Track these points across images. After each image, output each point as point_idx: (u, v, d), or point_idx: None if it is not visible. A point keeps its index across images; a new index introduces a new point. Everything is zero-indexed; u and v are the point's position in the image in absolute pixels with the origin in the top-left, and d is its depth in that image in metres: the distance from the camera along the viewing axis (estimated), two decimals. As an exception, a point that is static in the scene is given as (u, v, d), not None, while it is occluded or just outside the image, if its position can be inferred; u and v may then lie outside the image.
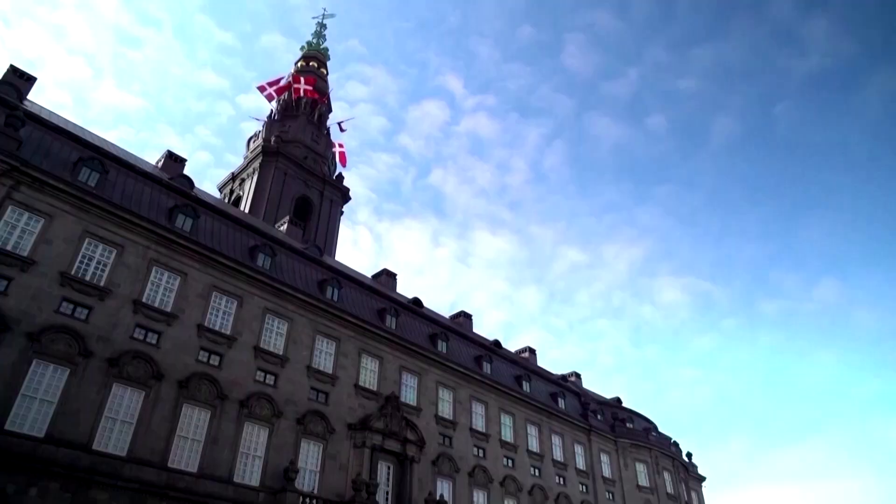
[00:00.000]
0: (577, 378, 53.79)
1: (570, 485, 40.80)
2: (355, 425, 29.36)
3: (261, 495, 24.41)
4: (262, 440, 25.71)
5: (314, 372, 28.99)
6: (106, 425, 21.43)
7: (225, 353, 25.92)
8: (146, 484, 21.41)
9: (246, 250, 29.75)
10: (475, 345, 41.77)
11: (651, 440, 48.31)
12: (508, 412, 39.27)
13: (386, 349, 33.29)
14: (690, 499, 50.67)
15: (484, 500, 34.36)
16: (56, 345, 21.08)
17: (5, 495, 18.40)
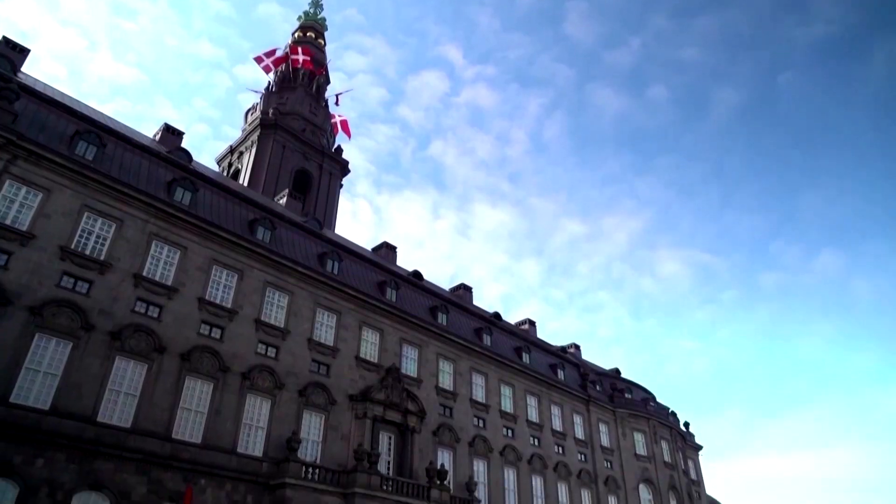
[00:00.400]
0: (577, 350, 54.20)
1: (569, 454, 41.41)
2: (356, 396, 29.69)
3: (264, 465, 24.80)
4: (265, 412, 26.02)
5: (315, 344, 29.20)
6: (110, 398, 21.68)
7: (226, 327, 26.07)
8: (151, 455, 21.74)
9: (245, 224, 29.71)
10: (475, 317, 41.99)
11: (649, 410, 48.88)
12: (508, 383, 39.66)
13: (386, 322, 33.47)
14: (687, 467, 51.48)
15: (484, 470, 34.91)
16: (58, 318, 21.19)
17: (12, 466, 18.69)
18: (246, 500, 23.70)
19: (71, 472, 19.80)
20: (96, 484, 20.25)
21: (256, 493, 24.06)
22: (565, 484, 39.82)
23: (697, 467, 55.44)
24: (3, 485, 18.50)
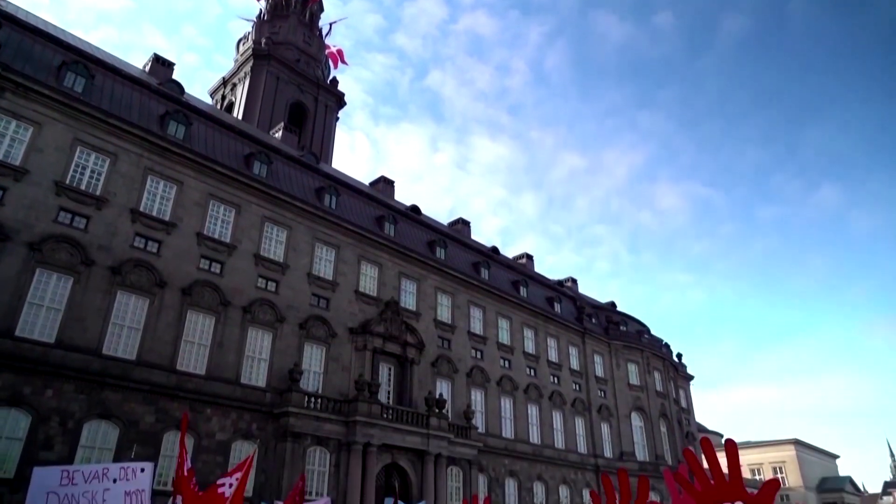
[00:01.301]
0: (574, 283, 54.82)
1: (564, 384, 42.62)
2: (356, 329, 30.25)
3: (267, 395, 25.56)
4: (267, 344, 26.58)
5: (314, 279, 29.49)
6: (113, 331, 22.10)
7: (226, 261, 26.25)
8: (156, 385, 22.38)
9: (241, 158, 29.39)
10: (473, 251, 42.24)
11: (643, 342, 49.96)
12: (505, 316, 40.34)
13: (385, 256, 33.68)
14: (678, 396, 53.11)
15: (481, 399, 36.03)
16: (57, 254, 21.31)
17: (23, 396, 19.28)
18: (251, 428, 24.58)
19: (80, 402, 20.44)
20: (105, 413, 20.94)
21: (260, 422, 24.92)
22: (560, 412, 41.19)
23: (688, 396, 57.20)
24: (15, 414, 19.14)
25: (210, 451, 23.14)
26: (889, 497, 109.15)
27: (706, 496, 3.08)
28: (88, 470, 6.79)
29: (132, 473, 6.63)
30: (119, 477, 6.61)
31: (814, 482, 70.67)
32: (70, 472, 6.74)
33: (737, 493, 3.01)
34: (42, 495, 6.53)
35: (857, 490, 79.49)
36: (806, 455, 71.95)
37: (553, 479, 38.41)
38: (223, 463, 23.33)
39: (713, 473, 3.09)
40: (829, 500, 70.43)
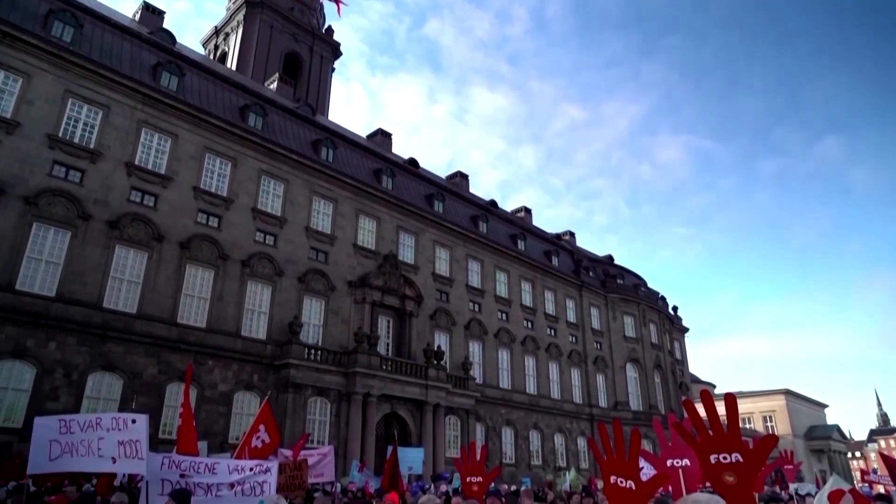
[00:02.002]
0: (571, 237, 54.92)
1: (561, 336, 43.20)
2: (355, 282, 30.43)
3: (268, 347, 25.90)
4: (266, 297, 26.77)
5: (313, 232, 29.47)
6: (113, 285, 22.21)
7: (223, 215, 26.17)
8: (158, 338, 22.64)
9: (236, 110, 28.92)
10: (471, 205, 42.12)
11: (639, 295, 50.40)
12: (503, 269, 40.55)
13: (383, 210, 33.59)
14: (673, 348, 53.94)
15: (479, 350, 36.57)
16: (54, 208, 21.21)
17: (26, 349, 19.53)
18: (252, 379, 25.00)
19: (83, 355, 20.73)
20: (108, 365, 21.26)
21: (261, 373, 25.33)
22: (556, 363, 41.89)
23: (683, 348, 58.12)
24: (20, 366, 19.44)
25: (213, 402, 23.61)
26: (874, 444, 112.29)
27: (704, 447, 3.16)
28: (83, 419, 6.93)
29: (123, 424, 6.72)
30: (111, 427, 6.72)
31: (802, 430, 72.57)
32: (67, 422, 6.88)
33: (734, 446, 3.09)
34: (45, 443, 6.69)
35: (844, 438, 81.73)
36: (795, 404, 73.67)
37: (549, 427, 39.36)
38: (226, 413, 23.85)
39: (712, 425, 3.16)
40: (816, 447, 72.47)
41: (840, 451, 76.73)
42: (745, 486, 3.07)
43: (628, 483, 3.35)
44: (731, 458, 3.09)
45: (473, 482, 6.63)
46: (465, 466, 6.96)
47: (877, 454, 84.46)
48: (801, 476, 32.69)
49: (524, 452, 36.99)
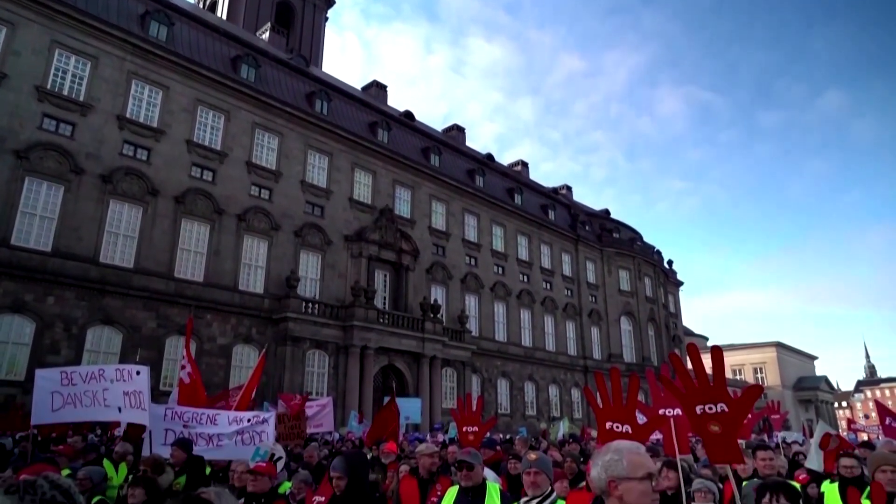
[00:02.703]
0: (568, 191, 54.76)
1: (556, 289, 43.58)
2: (351, 237, 30.44)
3: (266, 301, 26.10)
4: (263, 252, 26.81)
5: (308, 186, 29.30)
6: (109, 240, 22.18)
7: (217, 169, 25.94)
8: (156, 292, 22.77)
9: (228, 61, 28.31)
10: (468, 158, 41.79)
11: (635, 249, 50.63)
12: (500, 223, 40.56)
13: (378, 163, 33.32)
14: (667, 301, 54.55)
15: (475, 304, 36.92)
16: (46, 162, 20.98)
17: (25, 303, 19.64)
18: (251, 332, 25.28)
19: (82, 309, 20.88)
20: (107, 319, 21.45)
21: (260, 327, 25.60)
22: (551, 316, 42.39)
23: (677, 301, 58.78)
24: (19, 320, 19.61)
25: (212, 355, 23.93)
26: (860, 394, 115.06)
27: (689, 398, 3.25)
28: (85, 371, 7.05)
29: (128, 375, 6.87)
30: (116, 378, 6.86)
31: (791, 382, 74.19)
32: (69, 374, 7.00)
33: (720, 397, 3.17)
34: (47, 395, 6.81)
35: (831, 388, 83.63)
36: (786, 356, 75.08)
37: (543, 379, 40.13)
38: (225, 365, 24.22)
39: (698, 377, 3.24)
40: (803, 397, 74.23)
41: (827, 402, 78.63)
42: (729, 434, 3.17)
43: (624, 427, 3.45)
44: (717, 408, 3.18)
45: (469, 432, 6.82)
46: (462, 417, 7.14)
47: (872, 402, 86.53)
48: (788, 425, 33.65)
49: (519, 403, 37.81)
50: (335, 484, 4.08)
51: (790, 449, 10.14)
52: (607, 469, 1.97)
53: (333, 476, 4.09)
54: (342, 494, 3.96)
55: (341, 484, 4.04)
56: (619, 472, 1.92)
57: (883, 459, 3.80)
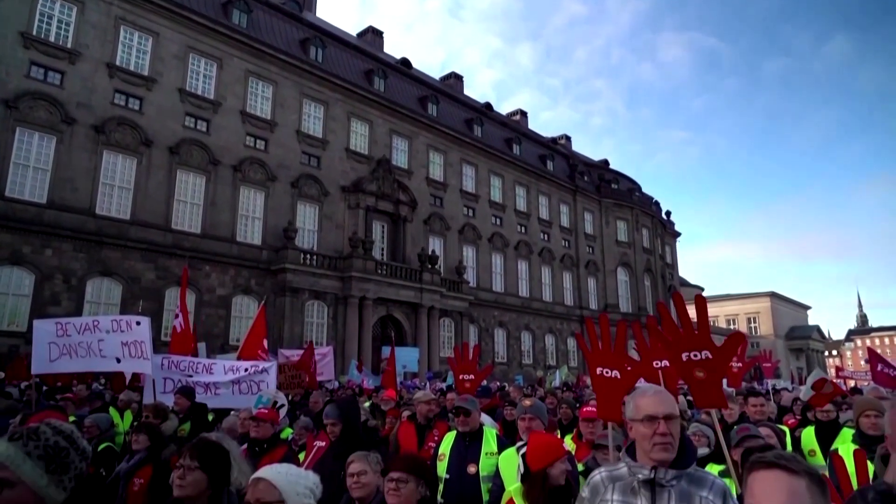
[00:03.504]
0: (567, 141, 54.21)
1: (554, 241, 43.68)
2: (348, 188, 30.27)
3: (264, 253, 26.15)
4: (259, 203, 26.70)
5: (304, 136, 28.94)
6: (104, 191, 22.03)
7: (211, 119, 25.55)
8: (153, 244, 22.77)
9: (218, 6, 27.47)
10: (466, 107, 41.18)
11: (633, 200, 50.52)
12: (498, 174, 40.30)
13: (375, 112, 32.82)
14: (664, 252, 54.78)
15: (473, 255, 37.06)
16: (36, 112, 20.62)
17: (23, 255, 19.66)
18: (249, 283, 25.43)
19: (80, 261, 20.92)
20: (106, 271, 21.52)
21: (259, 278, 25.74)
22: (548, 267, 42.64)
23: (673, 252, 59.03)
24: (19, 272, 19.67)
25: (212, 306, 24.14)
26: (850, 343, 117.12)
27: (676, 345, 3.33)
28: (80, 322, 7.11)
29: (126, 326, 6.93)
30: (112, 329, 6.91)
31: (784, 331, 75.27)
32: (64, 325, 7.06)
33: (703, 344, 3.25)
34: (44, 345, 6.89)
35: (823, 337, 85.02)
36: (779, 306, 75.94)
37: (540, 328, 40.68)
38: (225, 316, 24.46)
39: (683, 325, 3.31)
40: (795, 346, 75.47)
41: (818, 350, 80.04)
42: (714, 380, 3.29)
43: (613, 373, 3.53)
44: (701, 355, 3.27)
45: (465, 380, 6.95)
46: (458, 365, 7.26)
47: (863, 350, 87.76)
48: (779, 373, 34.36)
49: (516, 352, 38.43)
50: (329, 430, 4.19)
51: (780, 396, 10.38)
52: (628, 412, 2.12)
53: (328, 423, 4.21)
54: (337, 440, 4.07)
55: (336, 430, 4.16)
56: (629, 415, 2.08)
57: (868, 404, 3.92)
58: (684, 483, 1.93)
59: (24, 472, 1.54)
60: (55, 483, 1.59)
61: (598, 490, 2.08)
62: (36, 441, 1.60)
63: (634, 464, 2.00)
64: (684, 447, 2.01)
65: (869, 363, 10.69)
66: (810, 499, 1.26)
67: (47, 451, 1.60)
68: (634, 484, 1.98)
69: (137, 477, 4.14)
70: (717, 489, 1.91)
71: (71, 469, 1.64)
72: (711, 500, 1.89)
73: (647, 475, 1.95)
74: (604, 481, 2.08)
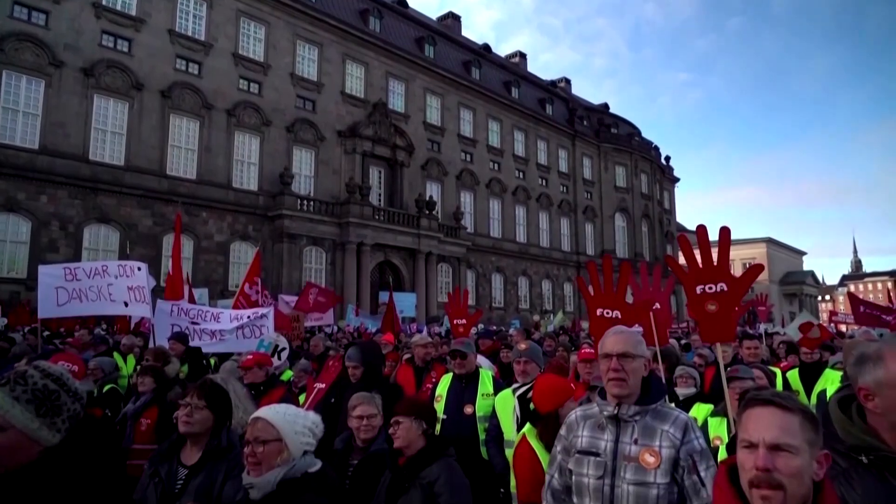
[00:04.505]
0: (567, 84, 53.17)
1: (552, 186, 43.45)
2: (345, 132, 29.86)
3: (260, 199, 26.02)
4: (255, 148, 26.38)
5: (298, 79, 28.33)
6: (97, 136, 21.72)
7: (203, 62, 24.94)
8: (149, 190, 22.62)
9: (206, -59, 26.36)
10: (464, 49, 40.19)
11: (633, 145, 49.99)
12: (496, 118, 39.72)
13: (371, 54, 32.04)
14: (662, 198, 54.61)
15: (471, 201, 36.93)
16: (22, 54, 20.08)
17: (18, 202, 19.54)
18: (247, 229, 25.42)
19: (76, 208, 20.82)
20: (103, 218, 21.45)
21: (256, 224, 25.70)
22: (546, 213, 42.58)
23: (672, 198, 58.87)
24: (15, 219, 19.60)
25: (210, 252, 24.20)
26: (844, 288, 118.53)
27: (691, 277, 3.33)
28: (89, 267, 7.17)
29: (130, 271, 7.04)
30: (119, 273, 7.02)
31: (779, 276, 75.98)
32: (73, 269, 7.11)
33: (721, 276, 3.27)
34: (51, 290, 6.95)
35: (817, 283, 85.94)
36: (776, 252, 76.38)
37: (537, 274, 40.97)
38: (224, 262, 24.55)
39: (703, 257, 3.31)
40: (789, 291, 76.37)
41: (811, 295, 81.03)
42: (725, 314, 3.31)
43: (614, 313, 3.54)
44: (717, 287, 3.29)
45: (459, 324, 7.10)
46: (452, 310, 7.39)
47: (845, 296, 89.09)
48: (773, 317, 34.83)
49: (513, 297, 38.82)
50: (351, 373, 4.28)
51: (772, 339, 10.56)
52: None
53: (349, 365, 4.29)
54: (358, 382, 4.17)
55: (357, 373, 4.25)
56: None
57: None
58: (648, 418, 2.02)
59: (13, 417, 1.55)
60: (47, 426, 1.60)
61: (572, 428, 2.19)
62: (24, 385, 1.60)
63: (602, 402, 2.10)
64: (649, 385, 2.10)
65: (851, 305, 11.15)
66: (803, 434, 1.31)
67: (35, 394, 1.60)
68: (602, 420, 2.09)
69: (144, 417, 4.26)
70: (679, 423, 2.00)
71: (63, 411, 1.65)
72: (672, 433, 1.97)
73: (611, 411, 2.05)
74: (577, 420, 2.19)
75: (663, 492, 1.91)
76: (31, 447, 1.58)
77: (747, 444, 1.33)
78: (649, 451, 1.95)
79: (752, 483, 1.29)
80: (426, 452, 2.74)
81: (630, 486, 1.94)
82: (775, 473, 1.27)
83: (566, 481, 2.14)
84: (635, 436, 2.00)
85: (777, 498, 1.26)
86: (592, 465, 2.03)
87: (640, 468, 1.94)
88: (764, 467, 1.27)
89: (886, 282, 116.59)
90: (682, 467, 1.93)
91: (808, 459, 1.30)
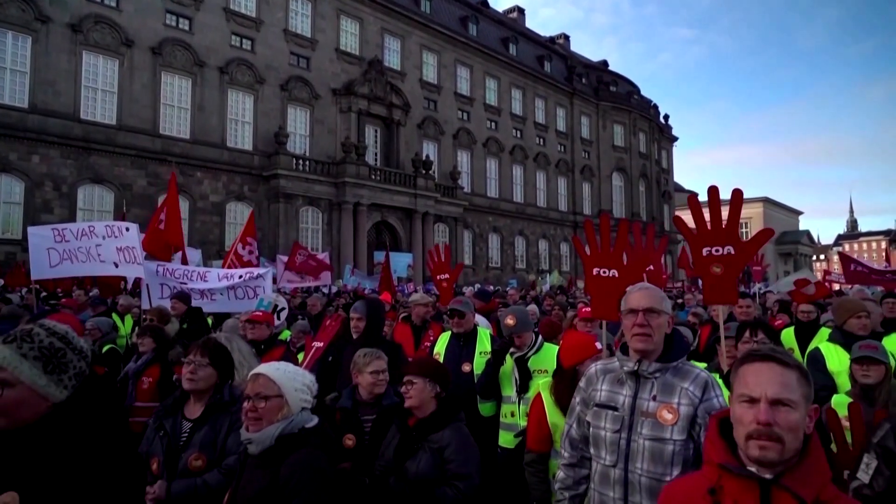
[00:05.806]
0: (566, 40, 52.20)
1: (550, 145, 43.10)
2: (340, 90, 29.40)
3: (255, 158, 25.78)
4: (249, 106, 26.01)
5: (292, 36, 27.74)
6: (88, 95, 21.36)
7: (193, 17, 24.36)
8: (142, 150, 22.38)
9: None
10: (460, 4, 39.23)
11: (631, 103, 49.39)
12: (493, 76, 39.10)
13: (366, 9, 31.29)
14: (660, 157, 54.28)
15: (467, 160, 36.66)
16: (6, 9, 19.59)
17: (10, 162, 19.34)
18: (242, 190, 25.27)
19: (69, 168, 20.62)
20: (97, 178, 21.28)
21: (252, 184, 25.54)
22: (543, 172, 42.35)
23: (670, 157, 58.50)
24: (7, 179, 19.44)
25: (206, 212, 24.10)
26: (838, 247, 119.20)
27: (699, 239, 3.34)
28: (76, 228, 7.12)
29: (119, 231, 6.96)
30: (107, 234, 6.95)
31: (775, 236, 76.12)
32: (61, 230, 7.06)
33: (730, 239, 3.28)
34: (43, 251, 6.92)
35: (812, 242, 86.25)
36: (772, 212, 76.37)
37: (533, 234, 41.01)
38: (220, 222, 24.48)
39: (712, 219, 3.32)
40: (784, 250, 76.65)
41: (806, 255, 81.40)
42: (730, 275, 3.33)
43: (611, 272, 3.52)
44: (724, 250, 3.30)
45: (442, 279, 7.14)
46: (434, 266, 7.43)
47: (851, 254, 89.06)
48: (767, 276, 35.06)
49: (510, 257, 38.94)
50: (354, 325, 4.33)
51: (765, 298, 10.68)
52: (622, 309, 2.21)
53: (354, 317, 4.34)
54: (360, 335, 4.22)
55: (360, 325, 4.29)
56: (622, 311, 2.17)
57: (858, 306, 3.97)
58: (668, 375, 2.03)
59: (22, 373, 1.58)
60: (55, 382, 1.63)
61: (591, 381, 2.21)
62: (31, 343, 1.62)
63: (623, 357, 2.10)
64: (671, 342, 2.09)
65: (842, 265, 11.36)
66: (800, 389, 1.34)
67: (42, 351, 1.63)
68: (622, 375, 2.10)
69: (146, 375, 4.32)
70: (700, 381, 2.01)
71: (70, 368, 1.68)
72: (692, 391, 1.98)
73: (631, 367, 2.05)
74: (597, 373, 2.21)
75: (679, 448, 1.93)
76: (40, 403, 1.61)
77: (747, 398, 1.35)
78: (667, 408, 1.96)
79: (752, 436, 1.31)
80: (437, 416, 2.76)
81: (646, 441, 1.96)
82: (775, 427, 1.29)
83: (584, 432, 2.19)
84: (654, 392, 2.01)
85: (776, 449, 1.29)
86: (610, 419, 2.05)
87: (657, 424, 1.96)
88: (766, 422, 1.29)
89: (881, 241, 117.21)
90: (698, 425, 1.94)
91: (804, 413, 1.33)
